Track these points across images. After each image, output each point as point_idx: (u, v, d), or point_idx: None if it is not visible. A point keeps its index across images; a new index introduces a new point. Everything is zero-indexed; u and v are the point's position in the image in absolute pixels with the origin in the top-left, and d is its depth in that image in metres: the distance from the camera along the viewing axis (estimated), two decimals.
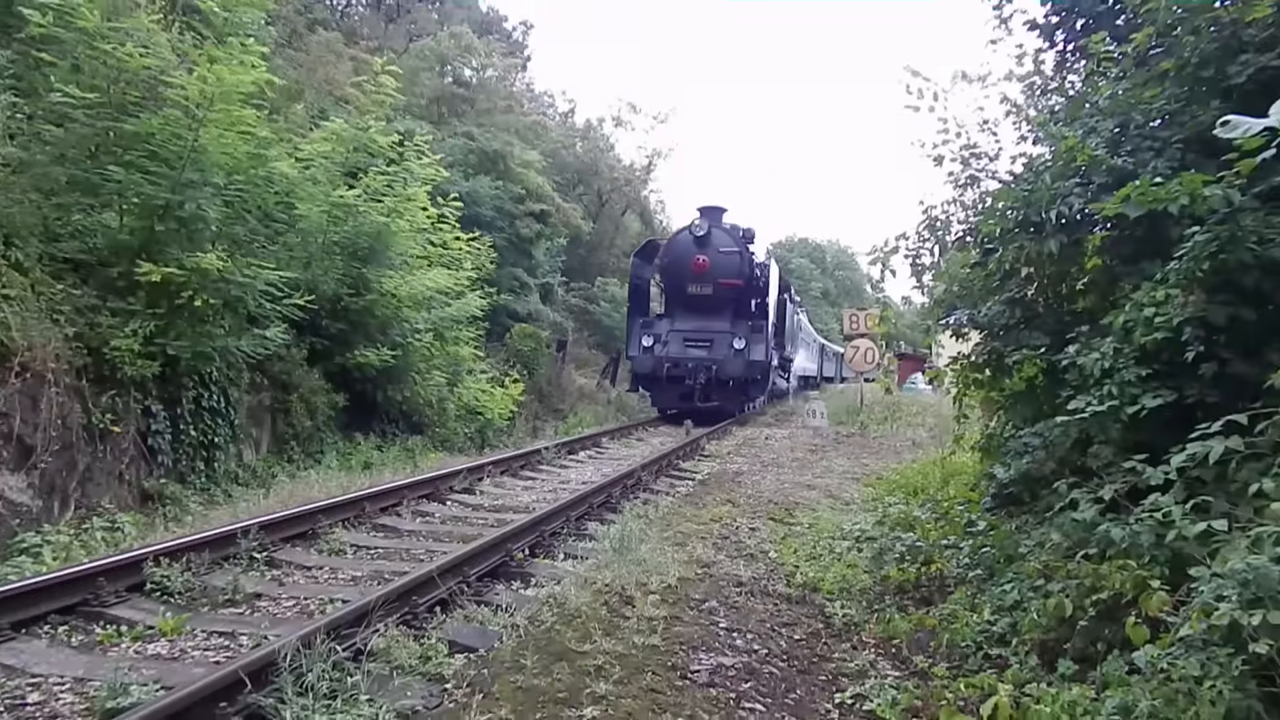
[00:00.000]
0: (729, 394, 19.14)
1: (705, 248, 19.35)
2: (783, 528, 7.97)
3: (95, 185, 8.65)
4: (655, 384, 19.69)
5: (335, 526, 6.83)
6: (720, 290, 19.38)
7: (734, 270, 19.47)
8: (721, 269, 19.28)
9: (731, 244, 19.71)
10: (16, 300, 7.24)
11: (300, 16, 25.55)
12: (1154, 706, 2.96)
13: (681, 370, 18.56)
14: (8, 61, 9.23)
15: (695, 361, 18.61)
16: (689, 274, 19.38)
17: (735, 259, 19.55)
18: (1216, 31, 4.89)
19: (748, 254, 20.18)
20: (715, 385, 18.51)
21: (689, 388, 18.45)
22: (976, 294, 6.65)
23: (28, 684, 3.82)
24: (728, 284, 19.38)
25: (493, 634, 4.48)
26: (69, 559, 6.09)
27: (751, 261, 20.37)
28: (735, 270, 19.48)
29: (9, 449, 6.87)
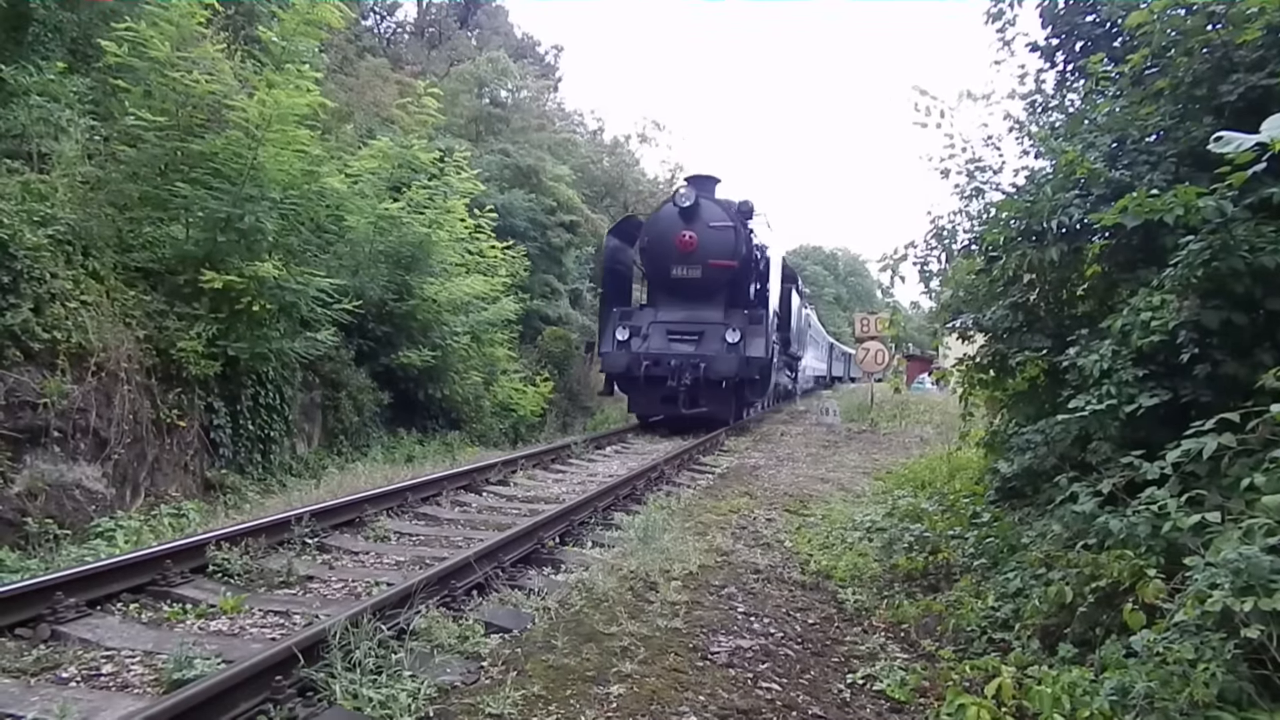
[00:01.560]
0: (721, 397, 15.08)
1: (693, 222, 15.22)
2: (797, 518, 7.93)
3: (164, 200, 8.80)
4: (632, 386, 15.54)
5: (380, 515, 6.88)
6: (711, 273, 15.27)
7: (727, 249, 15.32)
8: (712, 247, 15.24)
9: (724, 218, 15.47)
10: (93, 306, 7.38)
11: (350, 44, 25.83)
12: (1150, 688, 2.92)
13: (663, 369, 14.43)
14: (87, 89, 9.44)
15: (680, 359, 14.50)
16: (673, 253, 15.26)
17: (729, 236, 15.38)
18: (1209, 53, 4.83)
19: (744, 230, 15.95)
20: (704, 387, 14.51)
21: (672, 390, 14.42)
22: (981, 299, 6.60)
23: (102, 656, 3.89)
24: (720, 265, 15.21)
25: (525, 616, 4.49)
26: (139, 542, 6.20)
27: (749, 240, 16.19)
28: (729, 249, 15.33)
29: (86, 441, 7.00)
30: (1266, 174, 3.76)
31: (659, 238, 15.56)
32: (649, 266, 15.96)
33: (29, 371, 6.65)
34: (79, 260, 7.57)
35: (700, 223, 15.23)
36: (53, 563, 5.63)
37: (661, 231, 15.56)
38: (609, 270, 16.83)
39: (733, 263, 15.29)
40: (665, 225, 15.54)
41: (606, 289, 16.66)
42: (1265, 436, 3.39)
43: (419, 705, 3.32)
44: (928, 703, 3.83)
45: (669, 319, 15.37)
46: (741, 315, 15.35)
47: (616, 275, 16.92)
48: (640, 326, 15.24)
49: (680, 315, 15.36)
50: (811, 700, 3.83)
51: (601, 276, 17.25)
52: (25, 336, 6.63)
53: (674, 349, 14.81)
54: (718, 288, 15.49)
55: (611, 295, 16.42)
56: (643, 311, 15.93)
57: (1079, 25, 6.77)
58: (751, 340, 14.94)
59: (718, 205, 15.63)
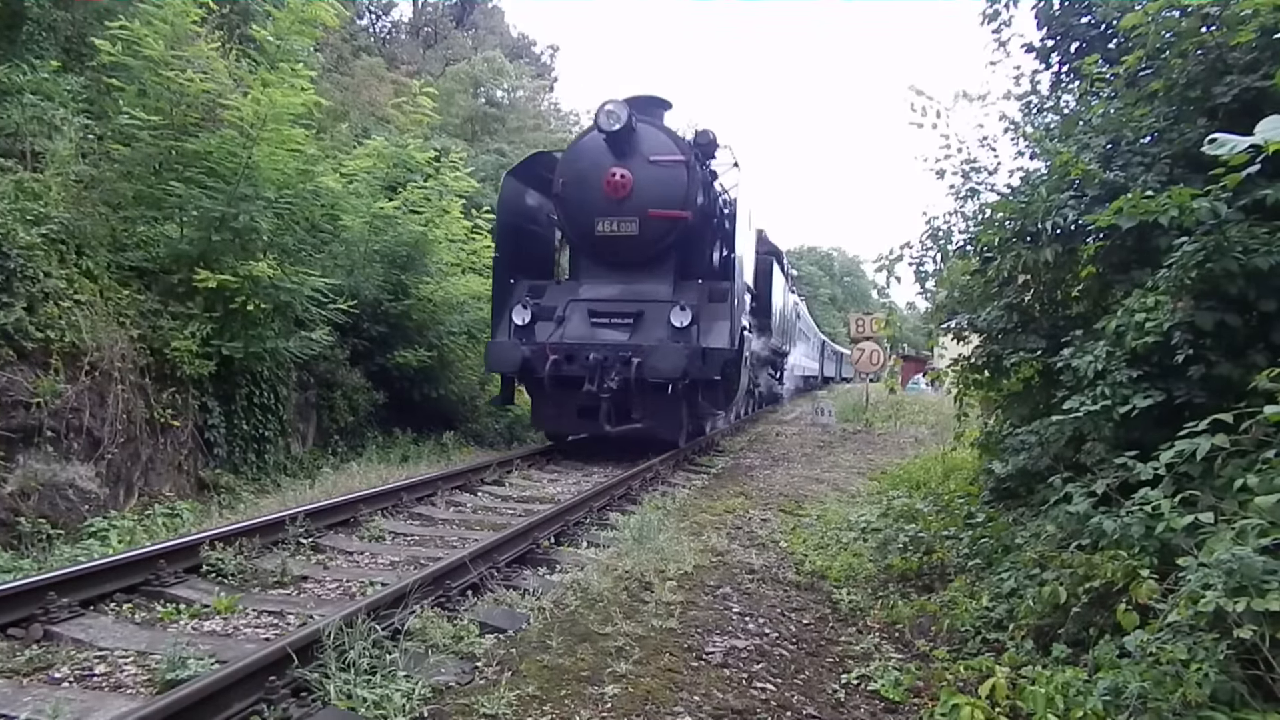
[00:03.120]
0: (664, 408, 10.43)
1: (627, 157, 10.81)
2: (792, 519, 7.94)
3: (158, 199, 8.77)
4: (536, 391, 11.13)
5: (375, 515, 6.87)
6: (652, 229, 10.82)
7: (675, 194, 10.82)
8: (654, 191, 10.78)
9: (672, 150, 10.94)
10: (87, 305, 7.35)
11: (346, 44, 25.81)
12: (1143, 688, 2.93)
13: (578, 366, 10.08)
14: (81, 87, 9.40)
15: (604, 351, 10.09)
16: (598, 200, 10.86)
17: (678, 176, 10.85)
18: (1203, 54, 4.85)
19: (701, 171, 11.40)
20: (639, 393, 10.09)
21: (593, 398, 9.97)
22: (976, 300, 6.62)
23: (95, 656, 3.88)
24: (664, 217, 10.78)
25: (520, 616, 4.49)
26: (133, 542, 6.17)
27: (709, 184, 11.77)
28: (678, 194, 10.81)
29: (80, 441, 6.98)
30: (1260, 176, 3.78)
31: (579, 179, 11.02)
32: (567, 221, 11.47)
33: (22, 371, 6.62)
34: (72, 259, 7.54)
35: (637, 157, 10.82)
36: (45, 563, 5.61)
37: (582, 171, 11.05)
38: (507, 227, 11.84)
39: (683, 213, 10.75)
40: (587, 161, 11.05)
41: (503, 253, 11.67)
42: (1258, 437, 3.41)
43: (413, 705, 3.32)
44: (922, 703, 3.84)
45: (594, 296, 11.03)
46: (697, 289, 10.84)
47: (520, 235, 12.09)
48: (554, 307, 10.89)
49: (610, 290, 11.03)
50: (806, 700, 3.83)
51: (495, 235, 11.98)
52: (18, 335, 6.60)
53: (599, 337, 10.48)
54: (663, 251, 11.09)
55: (510, 262, 11.63)
56: (559, 287, 11.58)
57: (1074, 26, 6.80)
58: (711, 325, 10.44)
59: (663, 133, 11.19)
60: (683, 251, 11.43)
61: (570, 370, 10.16)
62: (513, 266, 11.67)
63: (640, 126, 10.93)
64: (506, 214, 11.92)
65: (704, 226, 11.67)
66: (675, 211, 10.85)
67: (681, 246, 11.32)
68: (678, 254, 11.33)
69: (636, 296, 10.92)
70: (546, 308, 11.00)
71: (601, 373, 10.00)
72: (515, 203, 12.13)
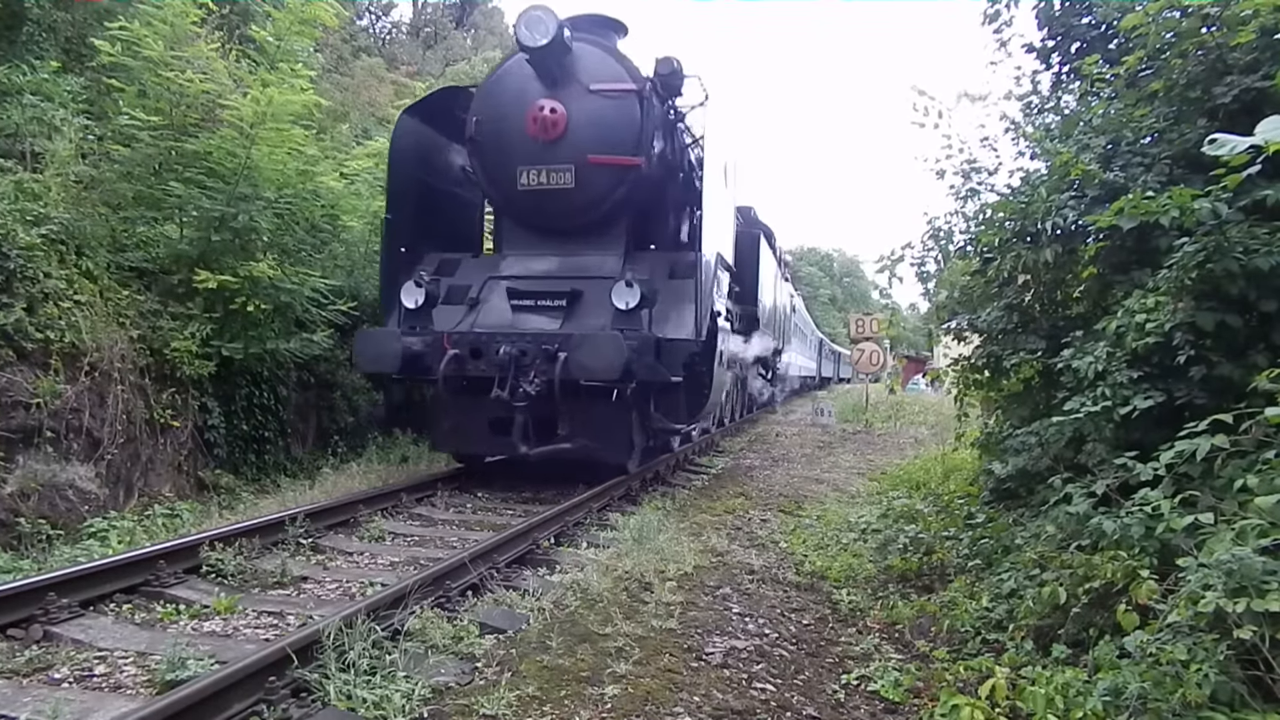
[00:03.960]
0: (604, 420, 7.95)
1: (560, 86, 8.30)
2: (792, 519, 7.95)
3: (158, 200, 8.77)
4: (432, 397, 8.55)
5: (375, 515, 6.87)
6: (593, 182, 8.33)
7: (625, 133, 8.31)
8: (594, 129, 8.28)
9: (620, 75, 8.44)
10: (87, 305, 7.36)
11: (346, 44, 25.83)
12: (1143, 689, 2.93)
13: (488, 364, 7.61)
14: (81, 88, 9.41)
15: (520, 343, 7.62)
16: (521, 143, 8.34)
17: (628, 111, 8.35)
18: (1203, 55, 4.85)
19: (663, 109, 8.78)
20: (568, 400, 7.49)
21: (506, 408, 7.53)
22: (976, 300, 6.62)
23: (95, 657, 3.88)
24: (609, 163, 8.26)
25: (520, 617, 4.49)
26: (132, 543, 6.17)
27: (673, 127, 9.12)
28: (628, 134, 8.31)
29: (79, 442, 6.98)
30: (1260, 176, 3.78)
31: (496, 116, 8.43)
32: (483, 173, 8.73)
33: (22, 371, 6.62)
34: (72, 260, 7.54)
35: (573, 87, 8.29)
36: (45, 563, 5.61)
37: (501, 106, 8.46)
38: (403, 181, 9.04)
39: (634, 160, 8.22)
40: (508, 93, 8.50)
41: (397, 216, 8.91)
42: (1258, 438, 3.41)
43: (413, 706, 3.32)
44: (922, 703, 3.84)
45: (519, 271, 8.53)
46: (652, 261, 8.48)
47: (427, 194, 9.26)
48: (467, 286, 8.44)
49: (541, 264, 8.57)
50: (806, 701, 3.83)
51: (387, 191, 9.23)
52: (18, 336, 6.61)
53: (521, 325, 8.01)
54: (610, 212, 8.53)
55: (411, 229, 8.90)
56: (476, 262, 9.08)
57: (1074, 27, 6.81)
58: (670, 309, 7.88)
59: (610, 56, 8.57)
60: (637, 214, 8.84)
61: (477, 369, 7.60)
62: (415, 235, 8.91)
63: (579, 47, 8.30)
64: (403, 164, 9.00)
65: (666, 182, 9.15)
66: (623, 158, 8.22)
67: (635, 207, 8.71)
68: (630, 217, 8.74)
69: (575, 272, 8.36)
70: (458, 287, 8.46)
71: (517, 372, 7.40)
72: (418, 151, 9.23)
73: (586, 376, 7.26)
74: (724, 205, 9.61)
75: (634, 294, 7.59)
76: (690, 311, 7.86)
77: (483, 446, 8.49)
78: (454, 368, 7.59)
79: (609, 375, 7.16)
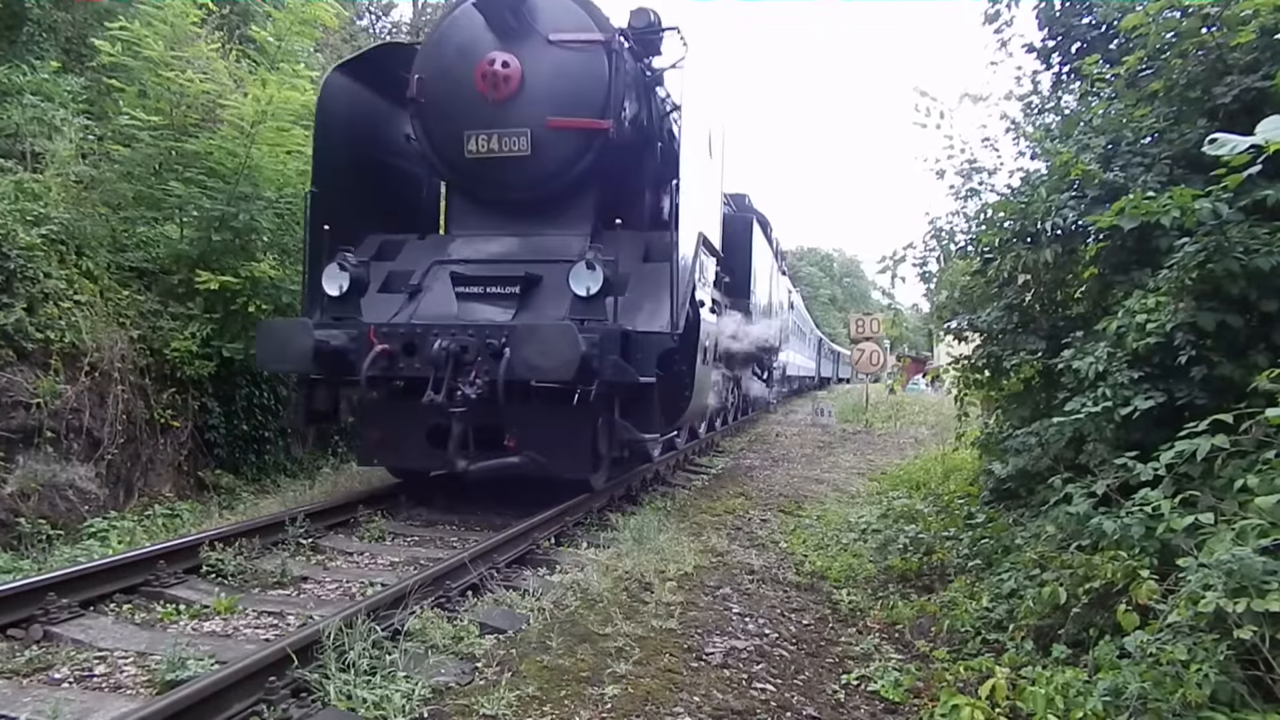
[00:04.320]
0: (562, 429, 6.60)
1: (514, 38, 7.23)
2: (792, 519, 7.95)
3: (158, 200, 8.77)
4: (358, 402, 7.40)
5: (375, 515, 6.85)
6: (553, 149, 7.27)
7: (591, 92, 7.21)
8: (554, 85, 7.22)
9: (586, 24, 7.31)
10: (87, 306, 7.36)
11: (346, 44, 25.80)
12: (1143, 689, 2.93)
13: (422, 361, 6.40)
14: (81, 88, 9.41)
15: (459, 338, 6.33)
16: (469, 103, 7.26)
17: (594, 65, 7.24)
18: (1203, 55, 4.85)
19: (639, 67, 7.87)
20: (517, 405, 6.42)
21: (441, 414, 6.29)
22: (976, 300, 6.63)
23: (95, 657, 3.88)
24: (572, 126, 7.18)
25: (520, 617, 4.49)
26: (132, 543, 6.17)
27: (649, 88, 8.16)
28: (594, 92, 7.21)
29: (79, 442, 6.98)
30: (1261, 176, 3.78)
31: (441, 73, 7.33)
32: (426, 139, 7.57)
33: (22, 371, 6.62)
34: (72, 260, 7.54)
35: (531, 39, 7.20)
36: (45, 563, 5.61)
37: (446, 61, 7.38)
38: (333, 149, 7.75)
39: (601, 122, 7.09)
40: (454, 46, 7.41)
41: (324, 189, 7.53)
42: (1258, 438, 3.41)
43: (413, 706, 3.32)
44: (922, 703, 3.84)
45: (468, 254, 7.41)
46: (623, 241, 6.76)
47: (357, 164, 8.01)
48: (409, 272, 7.35)
49: (494, 246, 7.47)
50: (806, 701, 3.83)
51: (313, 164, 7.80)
52: (18, 336, 6.61)
53: (468, 315, 6.82)
54: (574, 185, 7.40)
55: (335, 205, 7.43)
56: (422, 244, 7.84)
57: (1075, 27, 6.82)
58: (642, 297, 6.81)
59: (574, 3, 7.37)
60: (607, 189, 7.57)
61: (411, 369, 6.43)
62: (351, 213, 7.53)
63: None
64: (333, 130, 7.73)
65: (641, 153, 7.97)
66: (588, 120, 7.06)
67: (604, 180, 7.50)
68: (599, 192, 7.52)
69: (534, 255, 7.23)
70: (398, 274, 7.37)
71: (455, 372, 6.21)
72: (352, 116, 7.96)
73: (534, 376, 6.06)
74: (708, 179, 8.26)
75: (596, 278, 6.34)
76: (665, 301, 6.57)
77: (418, 460, 7.09)
78: (383, 367, 6.45)
79: (560, 375, 5.91)
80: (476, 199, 7.78)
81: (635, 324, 6.54)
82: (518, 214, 7.55)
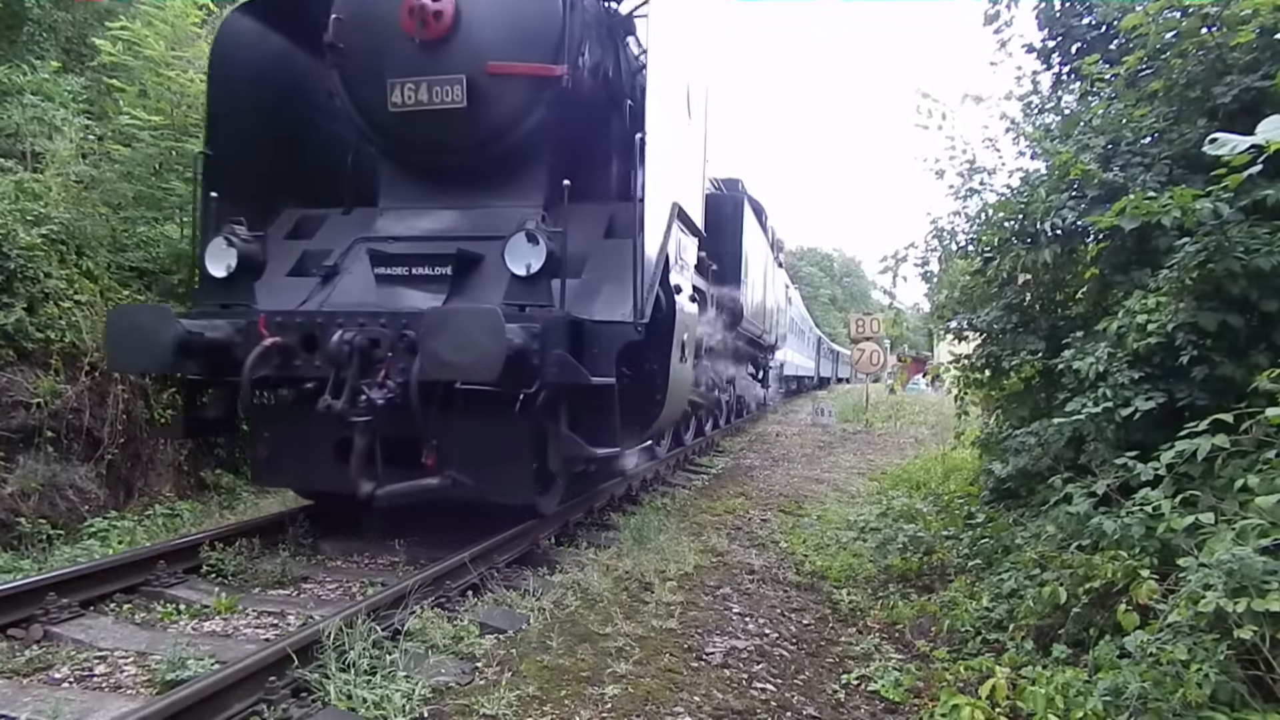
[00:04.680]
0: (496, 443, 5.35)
1: None
2: (792, 519, 7.95)
3: (158, 199, 8.77)
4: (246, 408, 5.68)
5: (376, 515, 6.84)
6: (495, 99, 5.82)
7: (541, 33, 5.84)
8: (494, 23, 5.78)
9: None
10: (87, 305, 7.35)
11: None
12: (1143, 688, 2.93)
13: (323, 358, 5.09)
14: (81, 88, 9.40)
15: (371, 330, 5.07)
16: (393, 45, 5.84)
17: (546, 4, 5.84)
18: (1203, 55, 4.85)
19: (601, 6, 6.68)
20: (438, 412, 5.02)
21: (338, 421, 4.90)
22: (976, 300, 6.63)
23: (95, 657, 3.88)
24: (517, 72, 5.77)
25: (520, 617, 4.49)
26: (133, 543, 6.16)
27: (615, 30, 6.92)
28: (545, 31, 5.85)
29: (79, 442, 6.97)
30: (1261, 176, 3.78)
31: (362, 11, 6.09)
32: (346, 90, 6.24)
33: (22, 371, 6.62)
34: (73, 259, 7.53)
35: None
36: (45, 563, 5.61)
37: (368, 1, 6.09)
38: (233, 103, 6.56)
39: (553, 69, 5.90)
40: None
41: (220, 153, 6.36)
42: (1259, 438, 3.41)
43: (413, 706, 3.32)
44: (922, 703, 3.84)
45: (399, 231, 6.26)
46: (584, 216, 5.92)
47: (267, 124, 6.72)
48: (327, 252, 6.23)
49: (429, 221, 6.31)
50: (806, 701, 3.83)
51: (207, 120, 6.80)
52: (19, 336, 6.61)
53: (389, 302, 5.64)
54: (522, 145, 6.14)
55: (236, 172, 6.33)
56: (343, 220, 6.58)
57: (1074, 28, 6.81)
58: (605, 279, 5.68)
59: None
60: (564, 151, 6.24)
61: (310, 368, 5.20)
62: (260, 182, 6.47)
63: None
64: (234, 80, 6.48)
65: (607, 112, 6.61)
66: (537, 66, 5.84)
67: (559, 141, 6.20)
68: (554, 155, 6.20)
69: (476, 231, 5.93)
70: (314, 254, 6.21)
71: (360, 370, 4.99)
72: (257, 65, 6.66)
73: (446, 375, 4.74)
74: (686, 142, 6.91)
75: (538, 253, 5.07)
76: (627, 283, 5.32)
77: (322, 480, 5.80)
78: (276, 365, 5.20)
79: (481, 374, 4.60)
80: (407, 164, 6.43)
81: (592, 312, 5.38)
82: (457, 182, 6.26)
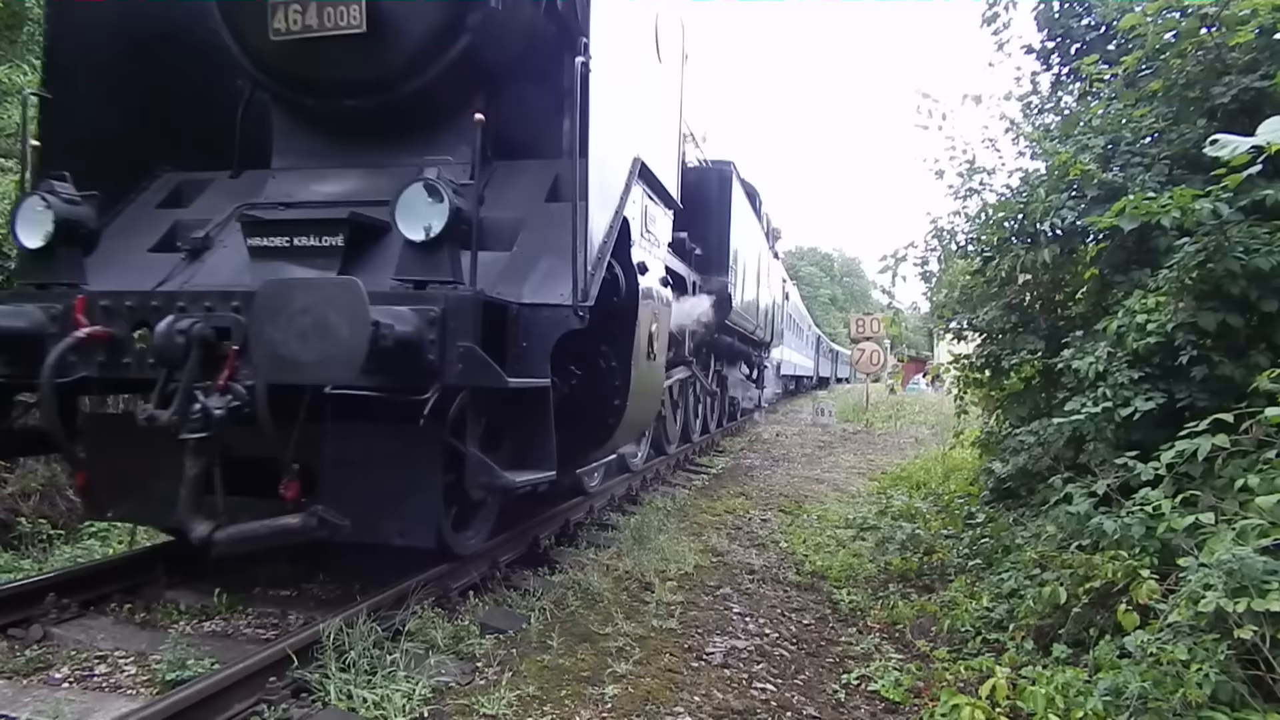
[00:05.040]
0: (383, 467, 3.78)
1: None
2: (792, 519, 7.94)
3: None
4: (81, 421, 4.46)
5: None
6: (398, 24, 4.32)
7: None
8: None
9: None
10: None
11: None
12: (1143, 688, 2.93)
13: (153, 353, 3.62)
14: None
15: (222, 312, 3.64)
16: None
17: None
18: (1202, 55, 4.86)
19: None
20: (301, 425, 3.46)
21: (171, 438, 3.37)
22: (976, 299, 6.63)
23: (95, 657, 3.87)
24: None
25: (520, 617, 4.48)
26: (133, 543, 6.16)
27: None
28: None
29: None
30: (1260, 176, 3.78)
31: None
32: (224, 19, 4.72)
33: None
34: None
35: None
36: (46, 563, 5.60)
37: None
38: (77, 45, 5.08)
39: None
40: None
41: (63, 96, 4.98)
42: (1259, 438, 3.41)
43: (413, 706, 3.31)
44: (922, 703, 3.83)
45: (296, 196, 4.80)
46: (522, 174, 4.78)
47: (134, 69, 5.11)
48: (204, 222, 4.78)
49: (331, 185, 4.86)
50: (806, 701, 3.83)
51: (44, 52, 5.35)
52: None
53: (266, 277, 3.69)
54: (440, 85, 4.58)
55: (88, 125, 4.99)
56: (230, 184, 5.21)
57: (1073, 28, 6.82)
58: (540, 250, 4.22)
59: None
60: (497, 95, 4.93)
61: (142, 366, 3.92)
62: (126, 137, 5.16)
63: None
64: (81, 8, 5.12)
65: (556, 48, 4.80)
66: None
67: (492, 84, 4.89)
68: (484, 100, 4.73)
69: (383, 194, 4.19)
70: (186, 224, 4.89)
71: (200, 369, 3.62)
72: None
73: (287, 377, 3.33)
74: (652, 84, 5.75)
75: (439, 211, 3.71)
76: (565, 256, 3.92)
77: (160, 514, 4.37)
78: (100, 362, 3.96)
79: (333, 374, 3.24)
80: (302, 113, 5.04)
81: (520, 293, 4.08)
82: (362, 134, 4.92)
